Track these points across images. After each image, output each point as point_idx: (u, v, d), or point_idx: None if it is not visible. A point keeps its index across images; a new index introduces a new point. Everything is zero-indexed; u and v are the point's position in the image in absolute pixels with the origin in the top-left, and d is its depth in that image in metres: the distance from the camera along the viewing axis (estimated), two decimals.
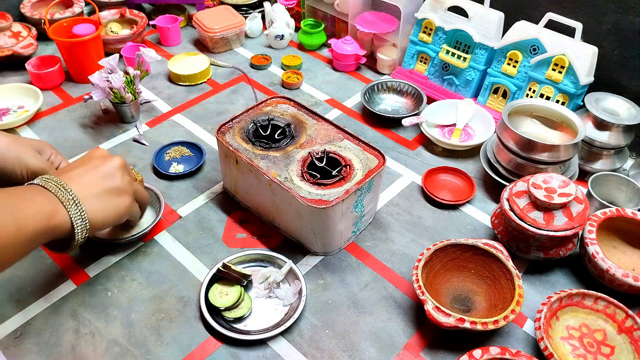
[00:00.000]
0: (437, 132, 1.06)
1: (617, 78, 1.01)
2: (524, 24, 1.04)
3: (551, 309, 0.72)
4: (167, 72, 1.25)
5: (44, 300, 0.75)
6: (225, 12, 1.36)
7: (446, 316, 0.67)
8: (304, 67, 1.30)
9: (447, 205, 0.92)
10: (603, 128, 0.94)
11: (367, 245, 0.85)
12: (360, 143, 0.85)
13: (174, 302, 0.76)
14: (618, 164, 0.97)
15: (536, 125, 0.95)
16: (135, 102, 1.07)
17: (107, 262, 0.81)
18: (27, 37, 1.24)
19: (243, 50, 1.36)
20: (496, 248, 0.76)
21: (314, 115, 0.90)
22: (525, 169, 0.89)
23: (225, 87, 1.22)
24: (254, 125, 0.87)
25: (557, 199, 0.74)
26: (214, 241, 0.85)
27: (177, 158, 1.00)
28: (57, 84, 1.19)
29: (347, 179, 0.78)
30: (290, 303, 0.75)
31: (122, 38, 1.28)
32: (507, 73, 1.07)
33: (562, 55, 0.97)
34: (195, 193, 0.94)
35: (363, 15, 1.28)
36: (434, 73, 1.19)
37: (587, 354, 0.70)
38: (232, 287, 0.75)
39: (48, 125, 1.08)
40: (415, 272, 0.72)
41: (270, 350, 0.70)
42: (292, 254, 0.81)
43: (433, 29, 1.16)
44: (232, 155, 0.82)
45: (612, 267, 0.74)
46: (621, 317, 0.71)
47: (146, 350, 0.70)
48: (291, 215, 0.80)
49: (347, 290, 0.78)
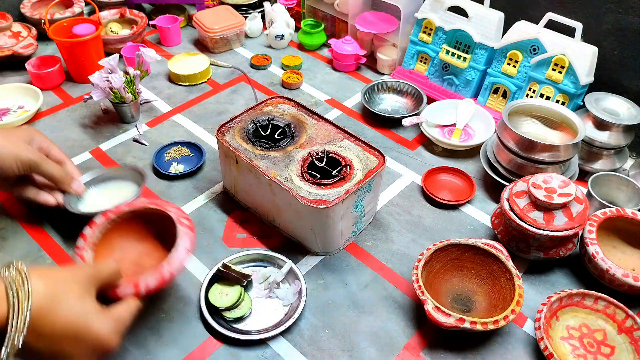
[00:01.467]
0: (437, 132, 1.06)
1: (617, 78, 1.01)
2: (524, 24, 1.04)
3: (551, 309, 0.72)
4: (167, 72, 1.25)
5: None
6: (225, 12, 1.36)
7: (446, 316, 0.67)
8: (304, 67, 1.30)
9: (447, 205, 0.92)
10: (603, 128, 0.94)
11: (367, 245, 0.85)
12: (360, 143, 0.85)
13: (174, 302, 0.76)
14: (618, 164, 0.97)
15: (536, 125, 0.95)
16: (135, 102, 1.07)
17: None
18: (27, 37, 1.24)
19: (243, 50, 1.36)
20: (496, 248, 0.76)
21: (314, 115, 0.90)
22: (525, 169, 0.89)
23: (225, 87, 1.22)
24: (254, 125, 0.87)
25: (557, 199, 0.74)
26: (214, 241, 0.85)
27: (177, 158, 1.00)
28: (57, 84, 1.19)
29: (347, 179, 0.78)
30: (290, 303, 0.75)
31: (122, 38, 1.28)
32: (507, 73, 1.07)
33: (562, 55, 0.97)
34: (195, 193, 0.94)
35: (363, 15, 1.28)
36: (434, 73, 1.19)
37: (587, 354, 0.70)
38: (232, 287, 0.75)
39: (48, 125, 1.08)
40: (415, 272, 0.72)
41: (270, 350, 0.70)
42: (292, 254, 0.81)
43: (433, 29, 1.16)
44: (232, 155, 0.82)
45: (612, 267, 0.74)
46: (621, 317, 0.71)
47: (146, 350, 0.70)
48: (291, 215, 0.80)
49: (347, 290, 0.78)
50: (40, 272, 0.51)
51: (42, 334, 0.50)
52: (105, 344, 0.55)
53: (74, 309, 0.52)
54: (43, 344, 0.50)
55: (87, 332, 0.53)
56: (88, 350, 0.53)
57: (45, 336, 0.50)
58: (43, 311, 0.49)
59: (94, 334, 0.53)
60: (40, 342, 0.50)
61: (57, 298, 0.51)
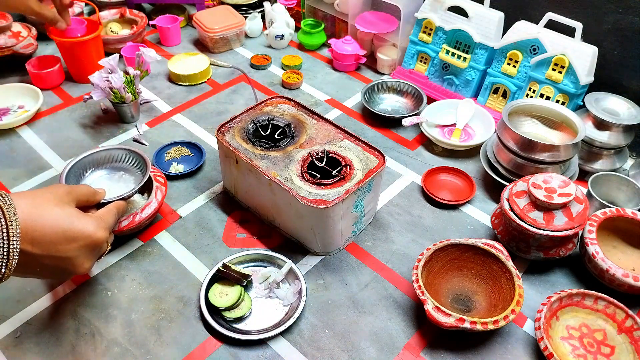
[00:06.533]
0: (437, 132, 1.06)
1: (617, 78, 1.01)
2: (524, 24, 1.04)
3: (551, 309, 0.72)
4: (167, 72, 1.25)
5: (44, 300, 0.75)
6: (225, 12, 1.36)
7: (446, 316, 0.67)
8: (304, 67, 1.30)
9: (447, 205, 0.92)
10: (603, 128, 0.94)
11: (367, 245, 0.85)
12: (360, 143, 0.85)
13: (174, 302, 0.76)
14: (618, 164, 0.97)
15: (536, 125, 0.95)
16: (135, 102, 1.07)
17: (107, 262, 0.81)
18: (27, 37, 1.24)
19: (243, 50, 1.36)
20: (496, 248, 0.76)
21: (314, 115, 0.90)
22: (525, 169, 0.89)
23: (225, 87, 1.22)
24: (254, 125, 0.87)
25: (557, 199, 0.74)
26: (214, 241, 0.85)
27: (177, 158, 1.00)
28: (57, 84, 1.19)
29: (347, 179, 0.78)
30: (290, 303, 0.75)
31: (122, 38, 1.28)
32: (507, 73, 1.07)
33: (562, 55, 0.97)
34: (195, 193, 0.94)
35: (363, 15, 1.28)
36: (434, 73, 1.19)
37: (587, 354, 0.70)
38: (232, 287, 0.75)
39: (48, 125, 1.08)
40: (415, 272, 0.72)
41: (270, 350, 0.70)
42: (292, 254, 0.81)
43: (433, 29, 1.16)
44: (232, 155, 0.82)
45: (612, 267, 0.74)
46: (621, 317, 0.71)
47: (146, 350, 0.70)
48: (291, 215, 0.80)
49: (347, 290, 0.78)
50: (19, 194, 0.56)
51: (35, 238, 0.54)
52: (95, 239, 0.60)
53: (57, 214, 0.57)
54: (40, 250, 0.55)
55: (74, 230, 0.58)
56: (82, 249, 0.59)
57: (39, 241, 0.54)
58: (30, 218, 0.54)
59: (81, 231, 0.58)
60: (36, 247, 0.54)
61: (39, 208, 0.56)
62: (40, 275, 0.60)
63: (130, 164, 0.86)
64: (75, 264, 0.59)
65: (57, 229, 0.56)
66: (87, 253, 0.60)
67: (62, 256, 0.57)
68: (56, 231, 0.56)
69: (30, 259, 0.54)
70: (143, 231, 0.86)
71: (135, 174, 0.86)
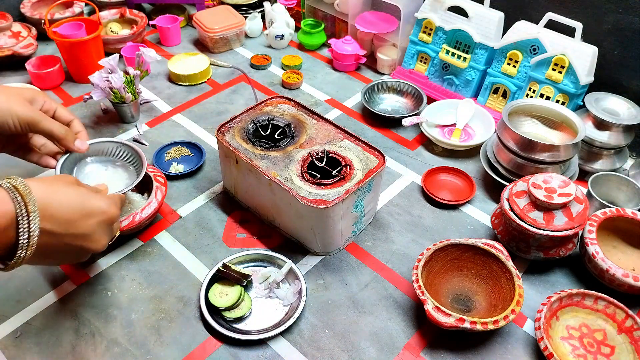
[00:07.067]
0: (437, 132, 1.06)
1: (617, 78, 1.01)
2: (524, 24, 1.04)
3: (551, 309, 0.72)
4: (167, 72, 1.25)
5: (44, 300, 0.75)
6: (225, 12, 1.36)
7: (446, 316, 0.67)
8: (304, 67, 1.30)
9: (447, 205, 0.92)
10: (603, 128, 0.94)
11: (367, 245, 0.85)
12: (360, 143, 0.85)
13: (174, 302, 0.76)
14: (618, 164, 0.97)
15: (536, 125, 0.95)
16: (135, 102, 1.07)
17: (107, 262, 0.81)
18: (27, 37, 1.24)
19: (243, 50, 1.36)
20: (496, 248, 0.76)
21: (314, 115, 0.90)
22: (525, 169, 0.89)
23: (225, 87, 1.22)
24: (254, 125, 0.87)
25: (557, 199, 0.74)
26: (214, 241, 0.85)
27: (177, 158, 1.00)
28: (57, 84, 1.19)
29: (347, 179, 0.78)
30: (290, 303, 0.75)
31: (122, 38, 1.28)
32: (507, 73, 1.07)
33: (562, 55, 0.97)
34: (195, 193, 0.94)
35: (363, 15, 1.28)
36: (434, 73, 1.19)
37: (587, 354, 0.70)
38: (232, 287, 0.75)
39: None
40: (415, 272, 0.72)
41: (270, 350, 0.70)
42: (292, 254, 0.81)
43: (433, 29, 1.16)
44: (232, 155, 0.82)
45: (612, 267, 0.74)
46: (621, 317, 0.71)
47: (146, 350, 0.70)
48: (291, 215, 0.80)
49: (347, 290, 0.78)
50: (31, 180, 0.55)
51: (53, 215, 0.54)
52: (110, 214, 0.61)
53: (71, 193, 0.57)
54: (59, 228, 0.54)
55: (90, 206, 0.58)
56: (99, 224, 0.59)
57: (57, 219, 0.54)
58: (47, 196, 0.54)
59: (96, 207, 0.59)
60: (56, 225, 0.54)
61: (54, 186, 0.56)
62: (58, 257, 0.59)
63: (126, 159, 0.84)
64: (93, 239, 0.59)
65: (74, 205, 0.57)
66: (104, 228, 0.61)
67: (81, 233, 0.57)
68: (73, 207, 0.56)
69: (50, 238, 0.54)
70: (143, 231, 0.86)
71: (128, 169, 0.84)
